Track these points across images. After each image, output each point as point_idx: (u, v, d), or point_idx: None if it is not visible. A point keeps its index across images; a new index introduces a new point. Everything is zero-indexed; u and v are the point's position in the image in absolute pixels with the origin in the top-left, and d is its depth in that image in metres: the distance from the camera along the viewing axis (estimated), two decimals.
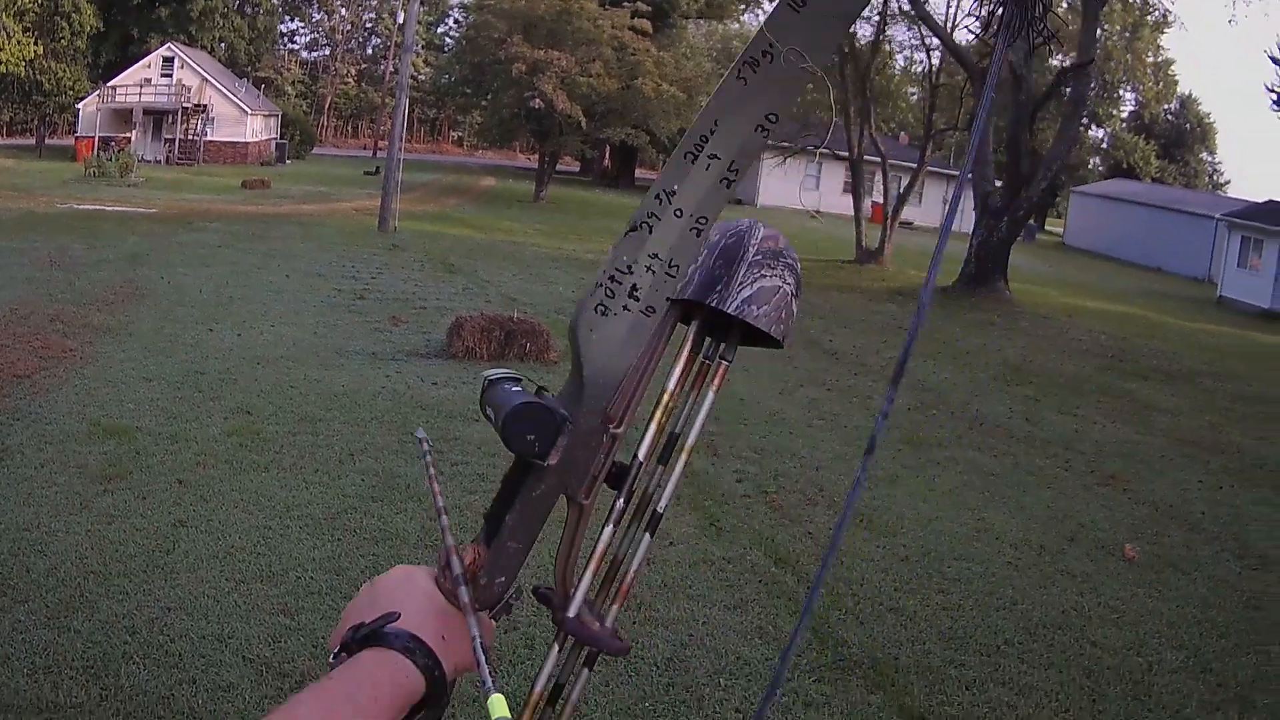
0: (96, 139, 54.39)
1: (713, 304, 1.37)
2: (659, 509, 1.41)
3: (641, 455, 1.39)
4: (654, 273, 1.35)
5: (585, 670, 1.42)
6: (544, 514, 1.37)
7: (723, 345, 1.44)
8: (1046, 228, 78.47)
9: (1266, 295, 38.28)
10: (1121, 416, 15.85)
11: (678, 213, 1.34)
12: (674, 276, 1.36)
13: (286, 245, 25.53)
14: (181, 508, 8.12)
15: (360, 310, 17.53)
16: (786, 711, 6.03)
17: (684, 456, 1.41)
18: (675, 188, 1.34)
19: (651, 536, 1.41)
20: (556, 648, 1.39)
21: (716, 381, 1.42)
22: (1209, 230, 51.42)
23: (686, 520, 8.99)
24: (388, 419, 11.01)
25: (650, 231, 1.35)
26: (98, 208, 31.08)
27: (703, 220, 1.35)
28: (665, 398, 1.41)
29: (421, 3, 52.99)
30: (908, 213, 48.06)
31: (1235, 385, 20.36)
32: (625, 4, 52.35)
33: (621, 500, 1.39)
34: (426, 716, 1.26)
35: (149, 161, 55.91)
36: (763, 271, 1.38)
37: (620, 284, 1.35)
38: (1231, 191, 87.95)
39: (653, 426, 1.40)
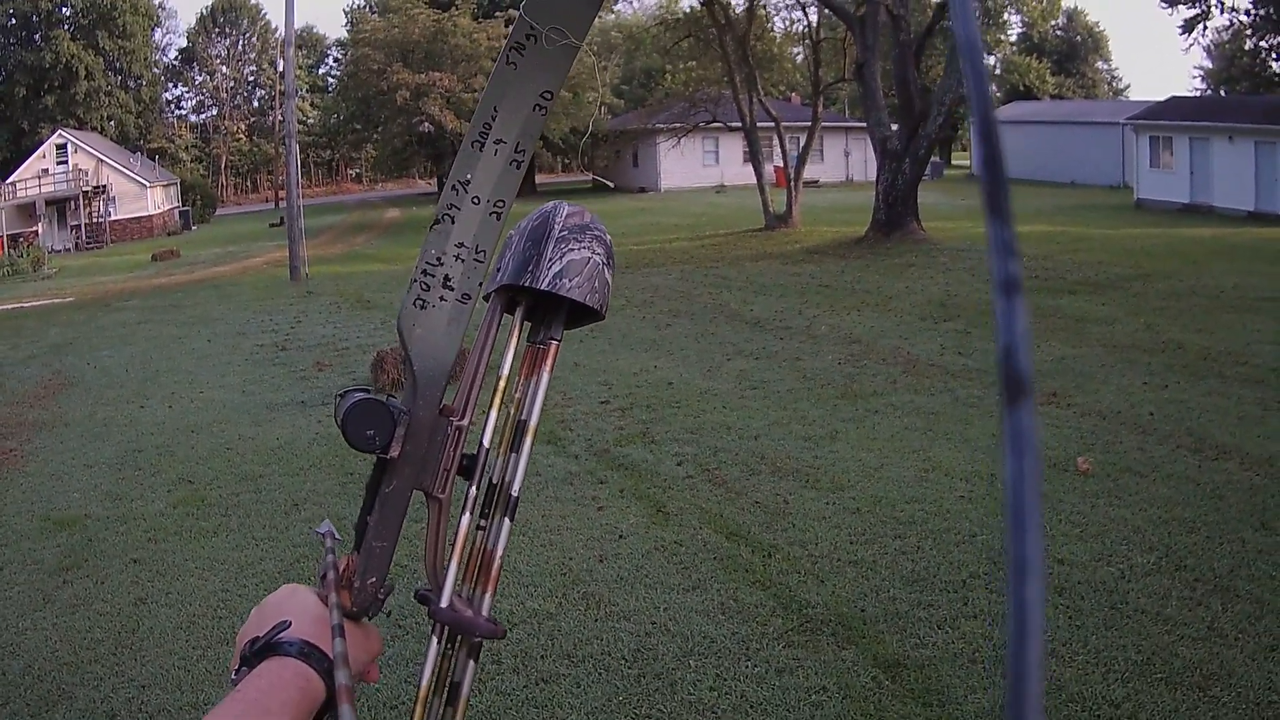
0: (4, 237, 53.77)
1: (526, 284, 1.42)
2: (513, 494, 1.43)
3: (486, 442, 1.43)
4: (463, 261, 1.42)
5: (470, 662, 1.44)
6: (402, 510, 1.43)
7: (551, 326, 1.48)
8: (953, 162, 78.98)
9: (1184, 191, 38.62)
10: (1055, 334, 15.89)
11: (475, 200, 1.42)
12: (482, 261, 1.43)
13: (204, 310, 25.37)
14: (140, 586, 8.14)
15: (284, 361, 17.43)
16: (760, 681, 6.01)
17: (529, 439, 1.44)
18: (469, 177, 1.42)
19: (511, 521, 1.43)
20: (435, 641, 1.42)
21: (549, 362, 1.46)
22: (1116, 137, 51.76)
23: (633, 511, 9.01)
24: (325, 464, 10.95)
25: (453, 222, 1.42)
26: (16, 306, 30.63)
27: (500, 204, 1.43)
28: (501, 384, 1.44)
29: (298, 47, 52.78)
30: (811, 171, 48.34)
31: (1166, 284, 20.50)
32: (498, 14, 52.30)
33: (474, 489, 1.42)
34: None
35: (59, 251, 55.57)
36: (570, 246, 1.43)
37: (434, 276, 1.42)
38: (1133, 95, 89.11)
39: (493, 414, 1.44)
